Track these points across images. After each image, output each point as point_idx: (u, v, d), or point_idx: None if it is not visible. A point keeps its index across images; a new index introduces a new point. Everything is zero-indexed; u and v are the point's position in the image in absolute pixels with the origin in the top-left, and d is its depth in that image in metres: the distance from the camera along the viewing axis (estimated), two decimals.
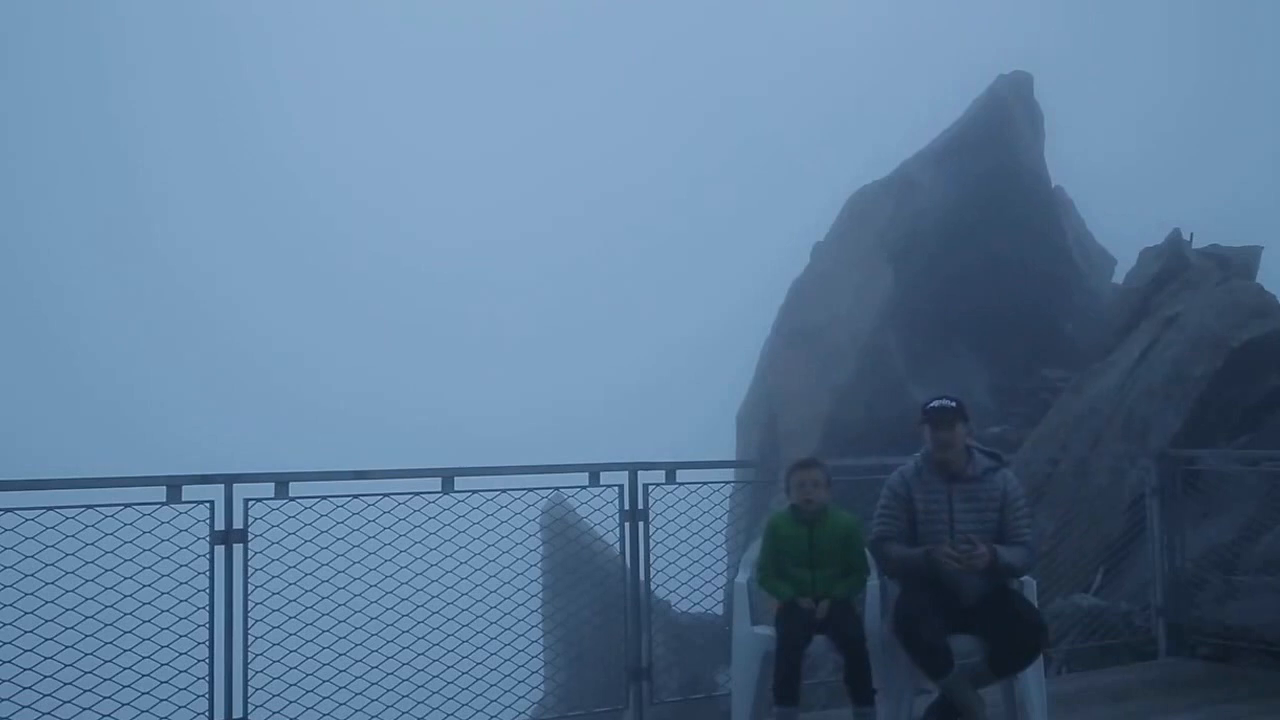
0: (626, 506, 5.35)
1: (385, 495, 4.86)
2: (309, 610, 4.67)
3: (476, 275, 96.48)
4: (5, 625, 4.10)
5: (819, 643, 4.60)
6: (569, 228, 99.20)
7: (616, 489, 5.34)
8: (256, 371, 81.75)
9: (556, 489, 5.42)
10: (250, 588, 4.54)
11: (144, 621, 4.35)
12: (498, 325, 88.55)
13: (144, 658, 4.35)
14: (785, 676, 4.47)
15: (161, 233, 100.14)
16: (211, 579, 4.48)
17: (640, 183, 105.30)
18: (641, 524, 5.37)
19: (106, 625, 4.28)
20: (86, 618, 4.23)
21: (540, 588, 5.81)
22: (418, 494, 4.92)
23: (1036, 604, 4.88)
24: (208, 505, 4.49)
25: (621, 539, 5.38)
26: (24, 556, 4.11)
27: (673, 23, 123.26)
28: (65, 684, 4.18)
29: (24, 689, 4.13)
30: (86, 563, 4.22)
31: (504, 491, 5.12)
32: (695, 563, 5.62)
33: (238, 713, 4.45)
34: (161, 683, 4.38)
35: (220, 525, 4.50)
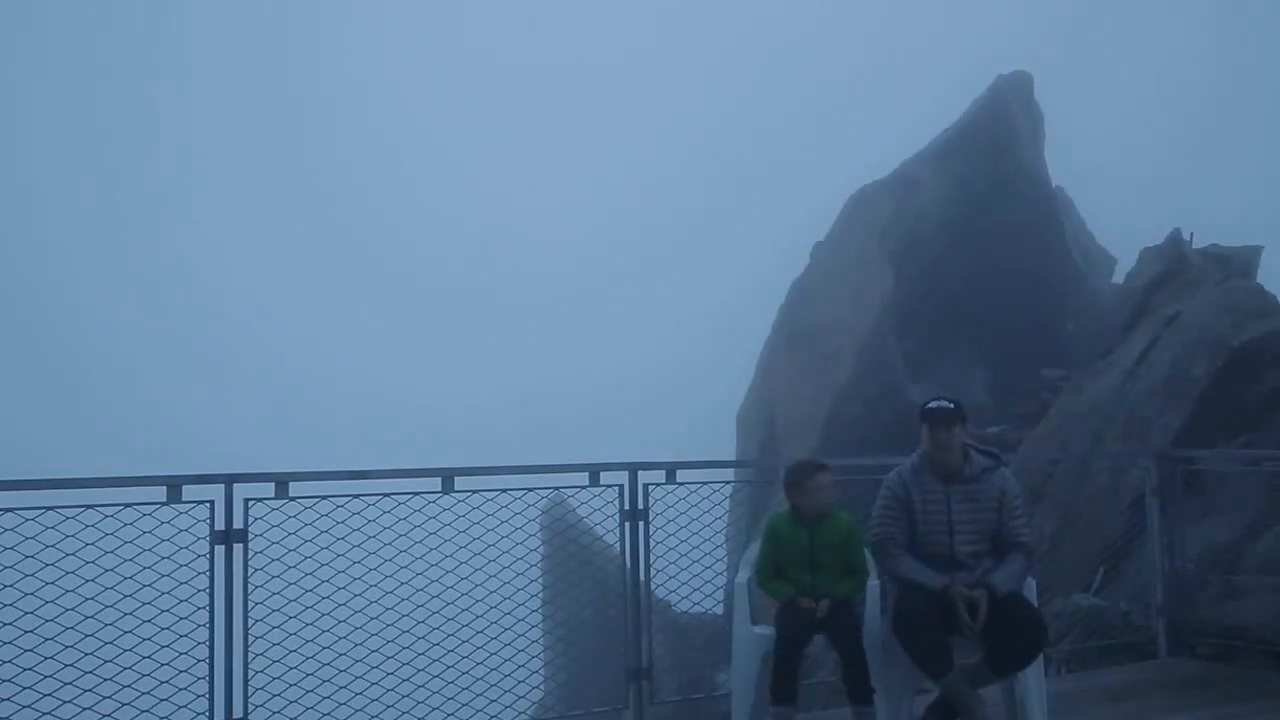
0: (626, 506, 5.34)
1: (385, 495, 4.86)
2: (309, 610, 4.67)
3: (477, 276, 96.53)
4: (5, 625, 4.10)
5: (818, 642, 4.60)
6: (569, 227, 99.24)
7: (616, 489, 5.34)
8: (257, 369, 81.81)
9: (556, 489, 5.42)
10: (250, 588, 4.54)
11: (144, 621, 4.35)
12: (499, 322, 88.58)
13: (144, 658, 4.35)
14: (782, 676, 4.47)
15: (160, 231, 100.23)
16: (211, 579, 4.48)
17: (639, 182, 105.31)
18: (641, 524, 5.36)
19: (106, 625, 4.28)
20: (86, 618, 4.23)
21: (540, 588, 5.82)
22: (418, 494, 4.92)
23: (1036, 604, 4.88)
24: (208, 505, 4.50)
25: (621, 539, 5.38)
26: (24, 556, 4.11)
27: (675, 21, 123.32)
28: (65, 684, 4.18)
29: (24, 689, 4.13)
30: (86, 563, 4.22)
31: (504, 491, 5.13)
32: (695, 563, 5.62)
33: (238, 713, 4.45)
34: (161, 683, 4.38)
35: (220, 525, 4.50)
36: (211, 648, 4.44)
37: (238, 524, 4.53)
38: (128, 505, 4.27)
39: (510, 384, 76.79)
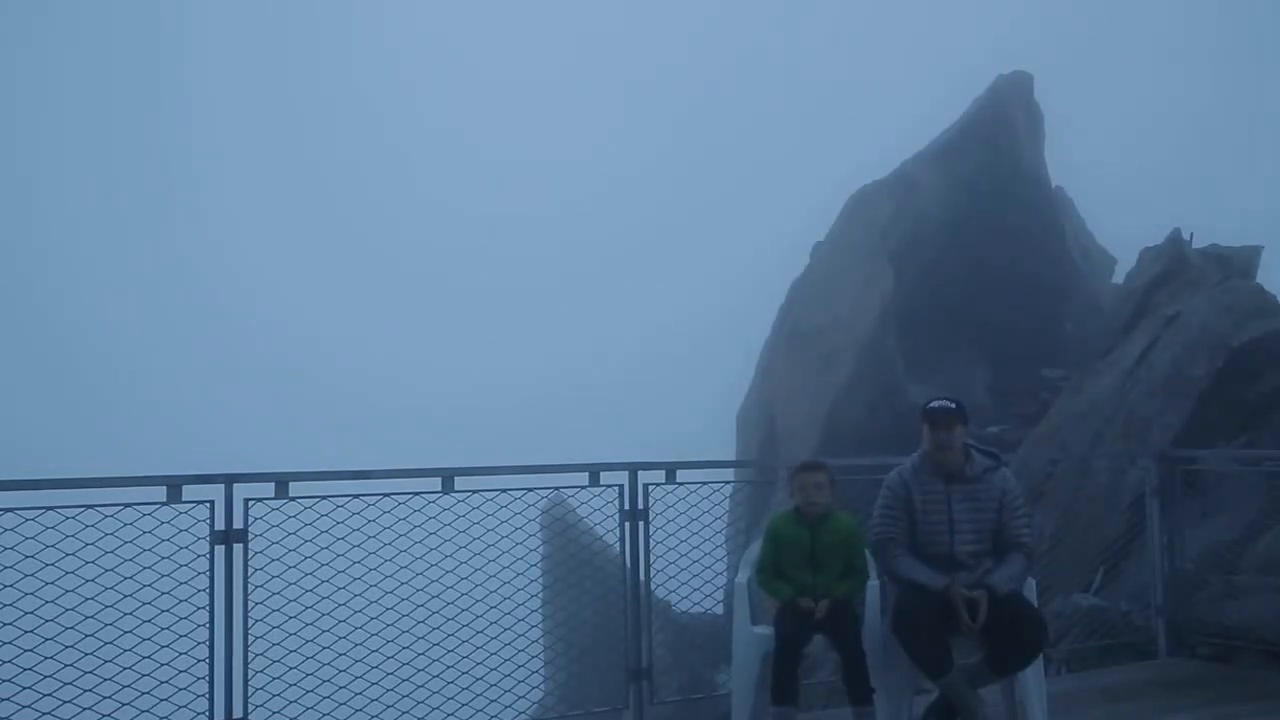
0: (626, 506, 5.34)
1: (385, 495, 4.86)
2: (309, 610, 4.67)
3: (477, 276, 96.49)
4: (5, 625, 4.10)
5: (819, 642, 4.60)
6: (570, 226, 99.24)
7: (616, 489, 5.33)
8: (257, 369, 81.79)
9: (556, 489, 5.42)
10: (250, 588, 4.54)
11: (144, 621, 4.35)
12: (499, 323, 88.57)
13: (144, 658, 4.35)
14: (782, 676, 4.47)
15: (159, 231, 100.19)
16: (211, 579, 4.48)
17: (640, 182, 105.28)
18: (641, 524, 5.36)
19: (106, 625, 4.28)
20: (86, 618, 4.23)
21: (540, 588, 5.81)
22: (418, 494, 4.92)
23: (1036, 604, 4.88)
24: (208, 505, 4.49)
25: (621, 539, 5.38)
26: (24, 556, 4.11)
27: (677, 20, 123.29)
28: (65, 684, 4.18)
29: (24, 689, 4.13)
30: (86, 563, 4.22)
31: (504, 491, 5.12)
32: (695, 563, 5.62)
33: (238, 713, 4.45)
34: (161, 683, 4.38)
35: (220, 525, 4.50)
36: (211, 648, 4.44)
37: (238, 524, 4.53)
38: (128, 505, 4.27)
39: (510, 384, 76.83)
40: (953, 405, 4.73)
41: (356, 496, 4.79)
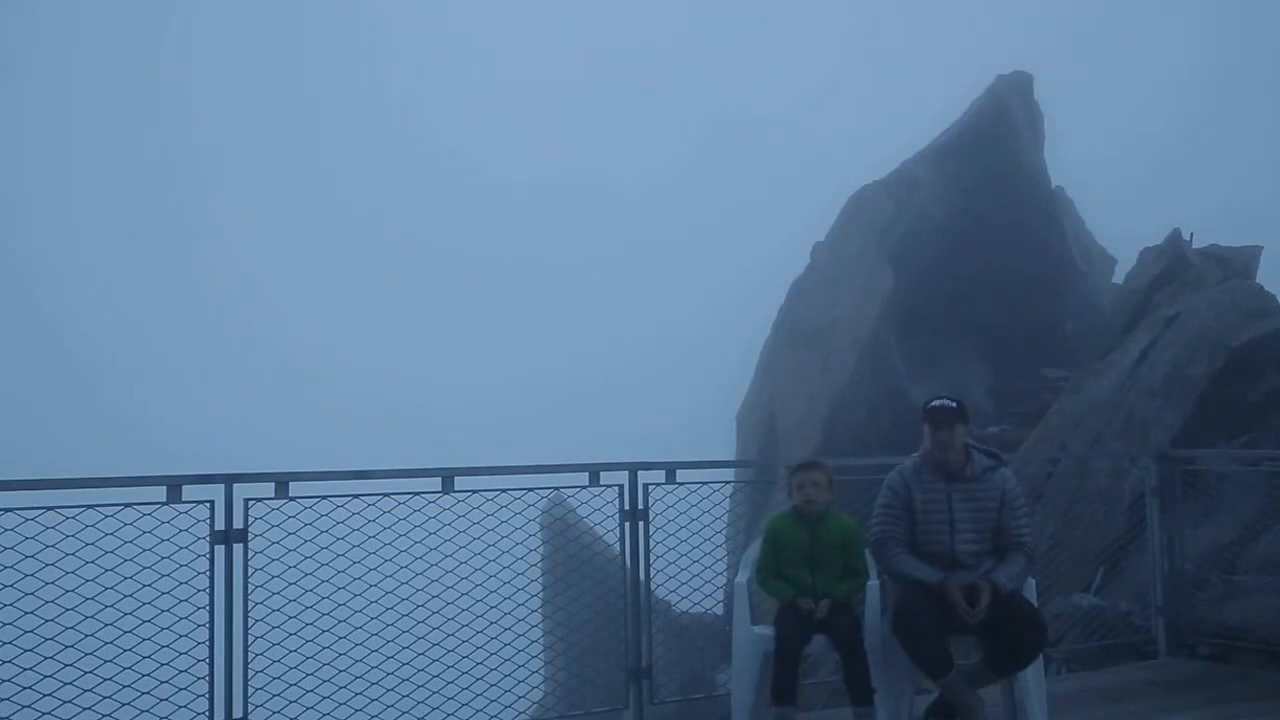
0: (626, 506, 5.34)
1: (385, 495, 4.86)
2: (309, 610, 4.67)
3: (478, 276, 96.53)
4: (5, 625, 4.09)
5: (819, 642, 4.60)
6: (570, 226, 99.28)
7: (616, 489, 5.33)
8: (257, 369, 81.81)
9: (556, 489, 5.41)
10: (250, 588, 4.54)
11: (144, 621, 4.35)
12: (499, 323, 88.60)
13: (144, 658, 4.35)
14: (783, 677, 4.48)
15: (160, 231, 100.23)
16: (211, 579, 4.48)
17: (641, 182, 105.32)
18: (641, 524, 5.36)
19: (106, 625, 4.28)
20: (86, 618, 4.23)
21: (540, 588, 5.81)
22: (418, 494, 4.92)
23: (1036, 604, 4.88)
24: (208, 505, 4.50)
25: (621, 539, 5.38)
26: (24, 556, 4.11)
27: (678, 21, 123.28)
28: (65, 684, 4.18)
29: (24, 689, 4.13)
30: (86, 563, 4.21)
31: (504, 491, 5.12)
32: (695, 563, 5.62)
33: (238, 713, 4.45)
34: (161, 683, 4.38)
35: (220, 525, 4.50)
36: (211, 648, 4.44)
37: (238, 524, 4.53)
38: (128, 505, 4.26)
39: (510, 383, 76.86)
40: (953, 405, 4.73)
41: (356, 496, 4.79)
